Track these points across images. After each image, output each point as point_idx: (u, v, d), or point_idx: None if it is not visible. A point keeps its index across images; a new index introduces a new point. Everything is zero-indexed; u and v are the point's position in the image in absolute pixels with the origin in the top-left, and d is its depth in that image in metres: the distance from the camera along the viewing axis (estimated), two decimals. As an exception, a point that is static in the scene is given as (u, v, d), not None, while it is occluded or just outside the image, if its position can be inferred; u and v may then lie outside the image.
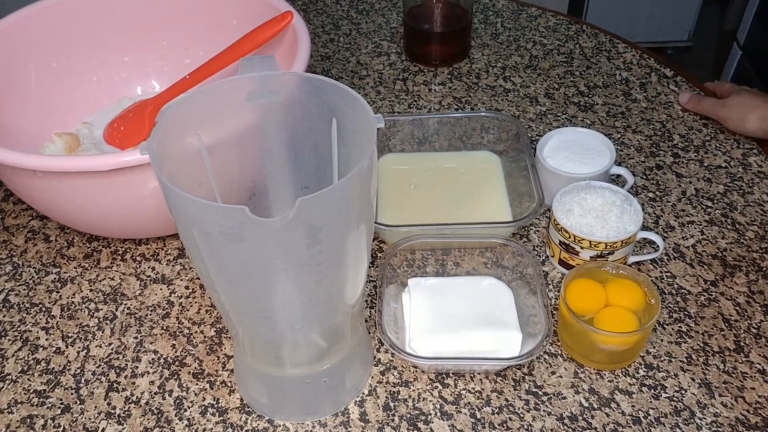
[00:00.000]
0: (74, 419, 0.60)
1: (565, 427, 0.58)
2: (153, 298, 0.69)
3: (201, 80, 0.79)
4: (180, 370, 0.63)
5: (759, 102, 0.81)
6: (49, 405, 0.61)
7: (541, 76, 0.96)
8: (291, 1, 0.97)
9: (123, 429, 0.59)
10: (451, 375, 0.62)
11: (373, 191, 0.47)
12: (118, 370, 0.63)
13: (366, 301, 0.68)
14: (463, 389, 0.61)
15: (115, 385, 0.62)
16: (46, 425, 0.60)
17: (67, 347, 0.65)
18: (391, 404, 0.60)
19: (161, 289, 0.70)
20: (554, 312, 0.66)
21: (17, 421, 0.60)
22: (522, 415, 0.58)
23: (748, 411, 0.58)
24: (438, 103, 0.92)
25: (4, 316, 0.68)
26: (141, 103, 0.82)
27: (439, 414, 0.59)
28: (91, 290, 0.70)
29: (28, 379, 0.63)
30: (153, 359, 0.64)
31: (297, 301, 0.49)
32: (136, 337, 0.66)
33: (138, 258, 0.73)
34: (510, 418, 0.58)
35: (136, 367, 0.63)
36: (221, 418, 0.59)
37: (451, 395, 0.60)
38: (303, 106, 0.52)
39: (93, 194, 0.64)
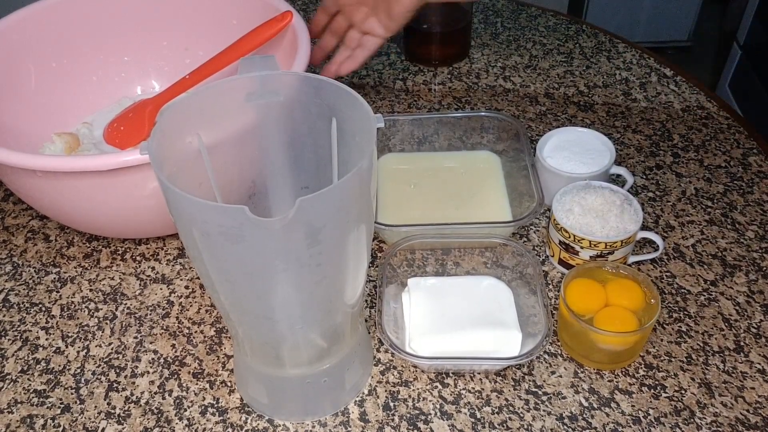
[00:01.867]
0: (74, 419, 0.60)
1: (565, 427, 0.58)
2: (153, 298, 0.69)
3: (201, 80, 0.79)
4: (180, 370, 0.63)
5: None
6: (49, 405, 0.61)
7: (540, 75, 0.96)
8: (291, 1, 0.97)
9: (123, 429, 0.59)
10: (451, 375, 0.62)
11: (373, 191, 0.47)
12: (118, 370, 0.63)
13: (366, 301, 0.68)
14: (463, 389, 0.61)
15: (115, 385, 0.62)
16: (46, 425, 0.60)
17: (67, 347, 0.65)
18: (391, 404, 0.60)
19: (161, 289, 0.70)
20: (554, 312, 0.66)
21: (17, 420, 0.60)
22: (522, 415, 0.58)
23: (748, 411, 0.58)
24: (438, 103, 0.92)
25: (4, 316, 0.68)
26: (141, 103, 0.82)
27: (439, 414, 0.59)
28: (91, 290, 0.71)
29: (28, 379, 0.63)
30: (153, 359, 0.64)
31: (297, 301, 0.49)
32: (136, 337, 0.66)
33: (138, 258, 0.73)
34: (510, 418, 0.58)
35: (136, 367, 0.63)
36: (221, 417, 0.59)
37: (451, 395, 0.60)
38: (303, 106, 0.52)
39: (93, 194, 0.64)
